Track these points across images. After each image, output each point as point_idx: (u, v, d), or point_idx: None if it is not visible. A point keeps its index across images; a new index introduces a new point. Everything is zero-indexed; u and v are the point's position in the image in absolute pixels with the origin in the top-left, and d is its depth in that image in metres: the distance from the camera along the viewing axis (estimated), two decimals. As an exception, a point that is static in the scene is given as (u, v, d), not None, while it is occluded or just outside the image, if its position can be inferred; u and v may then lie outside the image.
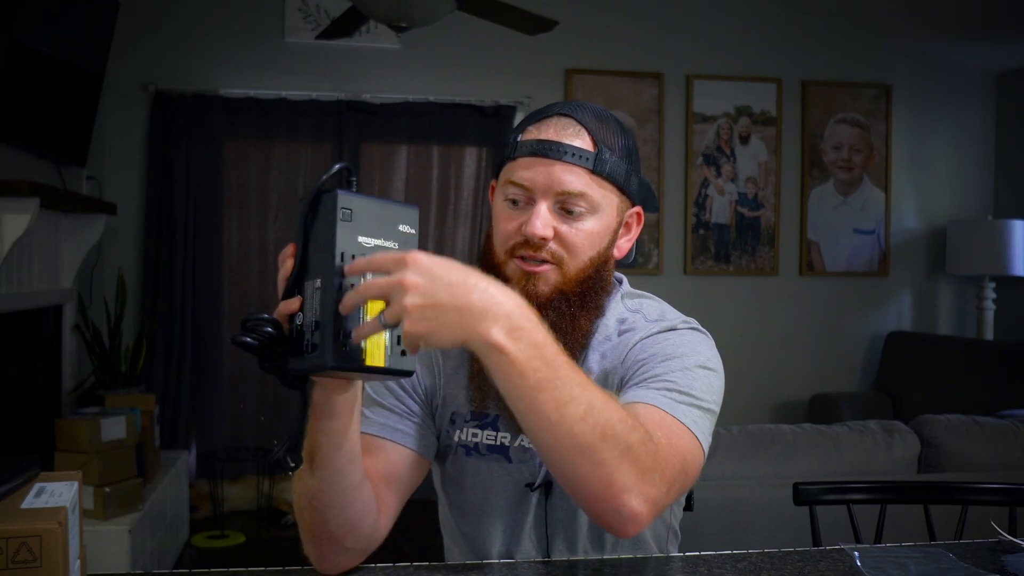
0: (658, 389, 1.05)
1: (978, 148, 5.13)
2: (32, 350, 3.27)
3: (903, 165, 5.03)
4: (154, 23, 4.21)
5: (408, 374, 0.88)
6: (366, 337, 0.83)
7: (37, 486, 0.92)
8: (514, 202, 1.12)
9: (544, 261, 1.11)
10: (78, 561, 0.91)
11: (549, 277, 1.11)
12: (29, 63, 2.92)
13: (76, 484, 0.94)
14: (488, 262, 1.15)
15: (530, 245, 1.10)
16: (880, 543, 1.42)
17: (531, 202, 1.11)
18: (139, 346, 3.74)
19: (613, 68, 4.64)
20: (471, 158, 4.56)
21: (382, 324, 0.82)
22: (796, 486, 1.52)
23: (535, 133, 1.13)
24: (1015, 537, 1.25)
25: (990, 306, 4.74)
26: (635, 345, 1.13)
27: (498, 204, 1.15)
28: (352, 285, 0.83)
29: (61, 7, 3.09)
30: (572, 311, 1.12)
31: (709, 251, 4.79)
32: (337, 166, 0.88)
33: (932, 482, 1.74)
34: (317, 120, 4.35)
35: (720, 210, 4.79)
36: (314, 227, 0.86)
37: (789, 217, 4.89)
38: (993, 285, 4.75)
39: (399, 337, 0.85)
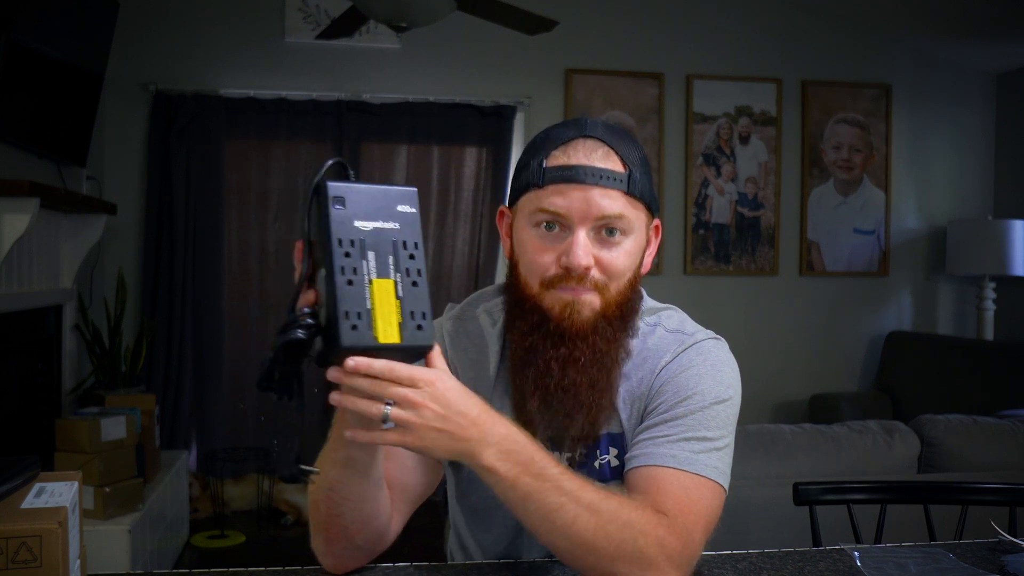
0: (675, 442, 1.06)
1: (978, 148, 5.13)
2: (32, 350, 3.26)
3: (903, 165, 5.03)
4: (154, 23, 4.21)
5: (428, 349, 0.88)
6: (364, 441, 0.91)
7: (37, 486, 0.92)
8: (547, 229, 1.08)
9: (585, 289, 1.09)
10: (78, 561, 0.91)
11: (592, 302, 1.08)
12: (29, 63, 2.92)
13: (76, 484, 0.94)
14: (519, 295, 1.12)
15: (571, 277, 1.07)
16: (880, 543, 1.42)
17: (565, 229, 1.08)
18: (139, 346, 3.73)
19: (613, 68, 4.64)
20: (471, 158, 4.55)
21: (383, 422, 0.88)
22: (796, 486, 1.52)
23: (562, 158, 1.08)
24: (1015, 537, 1.25)
25: (990, 306, 4.74)
26: (661, 371, 1.13)
27: (525, 233, 1.11)
28: (355, 269, 0.85)
29: (61, 7, 3.09)
30: (615, 334, 1.11)
31: (709, 251, 4.78)
32: (330, 162, 0.90)
33: (932, 482, 1.74)
34: (317, 120, 4.34)
35: (720, 210, 4.79)
36: (317, 223, 0.88)
37: (789, 217, 4.89)
38: (993, 285, 4.75)
39: (412, 312, 0.86)
